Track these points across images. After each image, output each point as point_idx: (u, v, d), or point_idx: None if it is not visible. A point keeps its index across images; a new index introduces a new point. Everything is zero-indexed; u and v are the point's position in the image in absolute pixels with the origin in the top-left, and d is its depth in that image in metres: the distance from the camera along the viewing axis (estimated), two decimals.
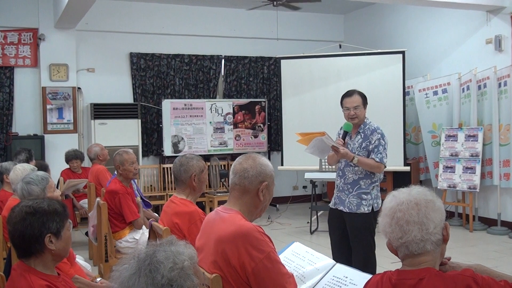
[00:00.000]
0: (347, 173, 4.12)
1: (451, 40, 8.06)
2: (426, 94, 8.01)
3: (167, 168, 8.82)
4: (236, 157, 2.59)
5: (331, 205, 4.25)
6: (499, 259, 5.91)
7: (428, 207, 1.78)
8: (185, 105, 8.97)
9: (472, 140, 7.33)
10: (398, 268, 1.84)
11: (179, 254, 1.45)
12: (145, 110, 9.04)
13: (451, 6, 7.45)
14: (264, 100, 9.62)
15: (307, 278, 2.33)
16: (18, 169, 4.00)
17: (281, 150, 8.84)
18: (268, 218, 8.33)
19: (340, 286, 2.18)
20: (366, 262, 3.98)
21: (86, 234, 6.26)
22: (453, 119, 7.72)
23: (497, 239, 6.87)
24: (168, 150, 8.84)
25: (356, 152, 4.05)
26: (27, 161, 5.58)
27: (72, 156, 7.06)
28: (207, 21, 9.38)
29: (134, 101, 8.99)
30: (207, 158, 8.42)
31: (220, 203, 6.67)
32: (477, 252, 6.29)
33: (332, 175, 5.79)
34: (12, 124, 8.27)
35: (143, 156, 8.96)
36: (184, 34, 9.31)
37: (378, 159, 4.00)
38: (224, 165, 8.84)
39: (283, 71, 8.67)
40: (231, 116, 9.29)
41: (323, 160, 7.46)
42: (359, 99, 4.05)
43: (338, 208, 4.14)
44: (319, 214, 7.82)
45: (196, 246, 2.25)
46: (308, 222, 7.68)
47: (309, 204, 8.31)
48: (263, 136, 9.55)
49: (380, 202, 4.08)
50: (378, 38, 9.36)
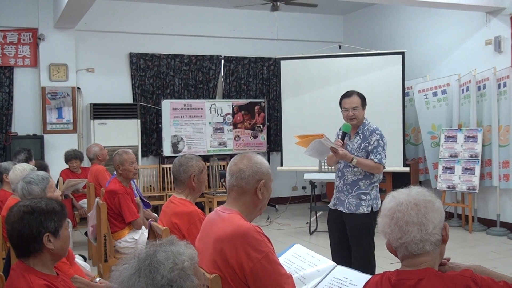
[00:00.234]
0: (346, 174, 4.12)
1: (451, 41, 8.06)
2: (426, 95, 8.01)
3: (167, 168, 8.81)
4: None
5: (331, 205, 4.25)
6: (498, 260, 5.91)
7: (427, 208, 1.78)
8: (184, 105, 8.96)
9: (471, 141, 7.34)
10: (398, 269, 1.84)
11: (179, 255, 1.45)
12: (144, 110, 9.04)
13: (450, 7, 7.45)
14: (263, 100, 9.62)
15: (308, 279, 2.33)
16: (17, 169, 4.00)
17: (280, 150, 8.85)
18: (268, 219, 8.33)
19: (340, 287, 2.18)
20: (366, 262, 3.98)
21: (86, 234, 6.26)
22: (452, 120, 7.73)
23: (496, 240, 6.87)
24: (167, 151, 8.84)
25: (355, 153, 4.05)
26: (27, 161, 5.57)
27: (72, 156, 7.05)
28: (206, 21, 9.38)
29: (134, 101, 8.99)
30: (206, 158, 8.43)
31: (220, 203, 6.66)
32: (476, 253, 6.29)
33: (332, 176, 5.78)
34: (11, 124, 8.26)
35: (143, 156, 8.96)
36: (183, 35, 9.30)
37: (377, 160, 4.00)
38: (223, 165, 8.84)
39: (283, 72, 8.68)
40: (230, 116, 9.29)
41: (323, 161, 7.46)
42: (358, 100, 4.05)
43: (338, 209, 4.14)
44: (318, 215, 7.82)
45: (196, 247, 2.25)
46: (307, 223, 7.68)
47: (308, 204, 8.30)
48: (263, 137, 9.55)
49: (379, 202, 4.08)
50: (378, 39, 9.36)
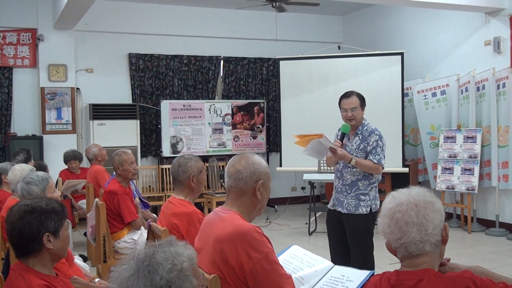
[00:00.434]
0: (345, 174, 4.12)
1: (450, 41, 8.07)
2: (425, 96, 8.02)
3: (166, 169, 8.81)
4: None
5: (330, 206, 4.25)
6: (497, 260, 5.91)
7: (427, 208, 1.78)
8: (183, 106, 8.97)
9: (470, 142, 7.34)
10: (397, 269, 1.84)
11: (178, 255, 1.45)
12: (143, 110, 9.04)
13: (449, 8, 7.46)
14: (262, 101, 9.63)
15: (306, 280, 2.32)
16: (16, 169, 4.00)
17: (279, 151, 8.85)
18: (267, 219, 8.33)
19: (337, 285, 2.18)
20: (365, 263, 3.98)
21: (85, 234, 6.26)
22: (451, 121, 7.73)
23: (495, 241, 6.88)
24: (166, 151, 8.84)
25: (354, 154, 4.06)
26: (26, 161, 5.56)
27: (71, 157, 7.05)
28: (206, 22, 9.38)
29: (133, 101, 8.98)
30: (205, 159, 8.43)
31: (219, 204, 6.67)
32: (475, 253, 6.29)
33: (331, 176, 5.78)
34: (10, 125, 8.26)
35: (142, 156, 8.96)
36: (183, 35, 9.30)
37: (376, 161, 4.00)
38: (222, 166, 8.83)
39: (282, 72, 8.68)
40: (229, 117, 9.29)
41: (322, 161, 7.46)
42: (357, 101, 4.05)
43: (337, 209, 4.14)
44: (317, 215, 7.82)
45: (195, 247, 2.25)
46: (306, 223, 7.68)
47: (307, 205, 8.31)
48: (262, 137, 9.55)
49: (378, 203, 4.09)
50: (377, 39, 9.37)
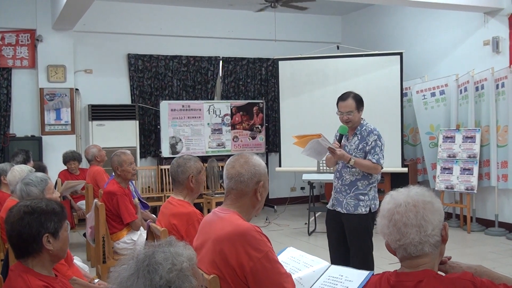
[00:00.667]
0: (344, 174, 4.12)
1: (449, 41, 8.08)
2: (424, 96, 8.02)
3: (165, 169, 8.81)
4: None
5: (329, 206, 4.25)
6: (497, 260, 5.92)
7: (426, 209, 1.76)
8: (183, 106, 8.96)
9: (469, 142, 7.35)
10: (397, 269, 1.84)
11: (178, 256, 1.45)
12: (142, 111, 9.03)
13: (448, 8, 7.46)
14: (262, 101, 9.63)
15: (304, 281, 2.32)
16: (16, 170, 3.99)
17: (279, 151, 8.85)
18: (266, 219, 8.33)
19: (336, 284, 2.18)
20: (364, 263, 3.98)
21: (84, 235, 6.25)
22: (450, 121, 7.74)
23: (494, 240, 6.88)
24: (166, 152, 8.84)
25: (353, 154, 4.06)
26: (25, 162, 5.55)
27: (70, 158, 7.05)
28: (205, 22, 9.38)
29: (132, 102, 8.98)
30: (205, 159, 8.42)
31: (218, 204, 6.66)
32: (474, 253, 6.30)
33: (330, 176, 5.78)
34: (9, 125, 8.25)
35: (141, 157, 8.95)
36: (182, 36, 9.30)
37: (374, 160, 4.00)
38: (222, 166, 8.80)
39: (281, 72, 8.68)
40: (229, 117, 9.29)
41: (321, 161, 7.46)
42: (353, 104, 4.03)
43: (336, 209, 4.15)
44: (317, 215, 7.82)
45: (194, 247, 2.25)
46: (306, 224, 7.68)
47: (307, 205, 8.31)
48: (261, 138, 9.55)
49: (377, 203, 4.09)
50: (376, 39, 9.37)
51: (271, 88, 9.98)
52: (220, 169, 8.48)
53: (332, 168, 4.40)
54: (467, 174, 7.31)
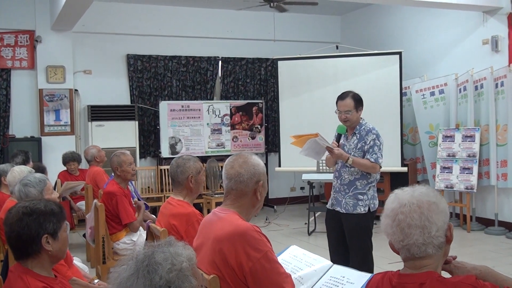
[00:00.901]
0: (343, 174, 4.12)
1: (448, 41, 8.08)
2: (423, 95, 8.02)
3: (165, 169, 8.80)
4: None
5: (328, 206, 4.25)
6: (497, 259, 5.92)
7: (431, 210, 1.73)
8: (182, 106, 8.96)
9: (469, 141, 7.35)
10: (400, 270, 1.82)
11: (178, 256, 1.45)
12: (142, 111, 9.03)
13: (447, 7, 7.47)
14: (261, 101, 9.62)
15: (305, 279, 2.32)
16: (15, 171, 3.99)
17: (278, 151, 8.85)
18: (266, 219, 8.33)
19: (338, 286, 2.18)
20: (364, 262, 3.99)
21: (84, 236, 6.25)
22: (450, 120, 7.74)
23: (494, 239, 6.88)
24: (165, 152, 8.83)
25: (352, 153, 4.06)
26: (24, 163, 5.55)
27: (69, 158, 7.04)
28: (204, 22, 9.38)
29: (131, 102, 8.98)
30: (204, 159, 8.42)
31: (218, 204, 6.66)
32: (474, 252, 6.30)
33: (330, 176, 5.77)
34: (9, 126, 8.24)
35: (141, 157, 8.95)
36: (181, 36, 9.30)
37: (373, 160, 4.00)
38: (221, 166, 8.81)
39: (280, 72, 8.68)
40: (228, 117, 9.29)
41: (321, 161, 7.46)
42: (351, 103, 4.03)
43: (335, 209, 4.15)
44: (316, 215, 7.82)
45: (193, 247, 2.25)
46: (305, 223, 7.67)
47: (306, 205, 8.30)
48: (261, 138, 9.55)
49: (376, 202, 4.10)
50: (375, 39, 9.37)
51: (270, 88, 9.98)
52: (220, 169, 8.48)
53: (331, 168, 4.40)
54: (466, 173, 7.31)
